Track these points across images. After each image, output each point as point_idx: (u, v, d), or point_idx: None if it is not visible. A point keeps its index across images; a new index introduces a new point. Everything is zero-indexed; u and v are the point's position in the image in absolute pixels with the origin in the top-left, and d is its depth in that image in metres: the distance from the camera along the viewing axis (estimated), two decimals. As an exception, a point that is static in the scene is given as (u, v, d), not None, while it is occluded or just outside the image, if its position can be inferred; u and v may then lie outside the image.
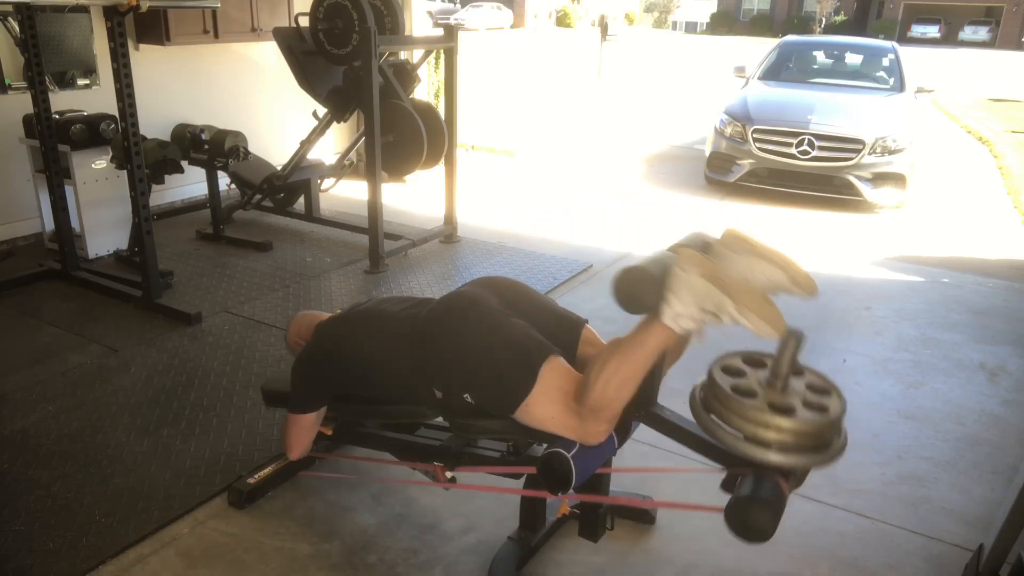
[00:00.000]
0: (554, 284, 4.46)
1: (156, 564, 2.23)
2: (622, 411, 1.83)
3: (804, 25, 40.21)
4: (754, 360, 1.78)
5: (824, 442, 1.62)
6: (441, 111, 5.10)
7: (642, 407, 1.89)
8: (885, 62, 7.97)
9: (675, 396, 2.16)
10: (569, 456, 1.83)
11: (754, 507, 1.58)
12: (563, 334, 2.07)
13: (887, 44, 8.33)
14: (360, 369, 2.18)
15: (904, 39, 36.01)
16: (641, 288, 1.68)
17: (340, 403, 2.41)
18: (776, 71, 8.02)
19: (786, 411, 1.59)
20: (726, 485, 1.76)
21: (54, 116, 4.10)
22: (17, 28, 4.36)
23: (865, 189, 6.21)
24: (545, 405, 1.87)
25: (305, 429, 2.39)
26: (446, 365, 1.98)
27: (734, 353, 1.80)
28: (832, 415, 1.62)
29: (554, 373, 1.88)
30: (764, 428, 1.58)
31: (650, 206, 6.41)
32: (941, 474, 2.79)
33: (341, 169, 5.14)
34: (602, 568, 2.28)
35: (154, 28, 5.07)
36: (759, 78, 7.84)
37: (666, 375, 2.02)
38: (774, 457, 1.58)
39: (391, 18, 4.75)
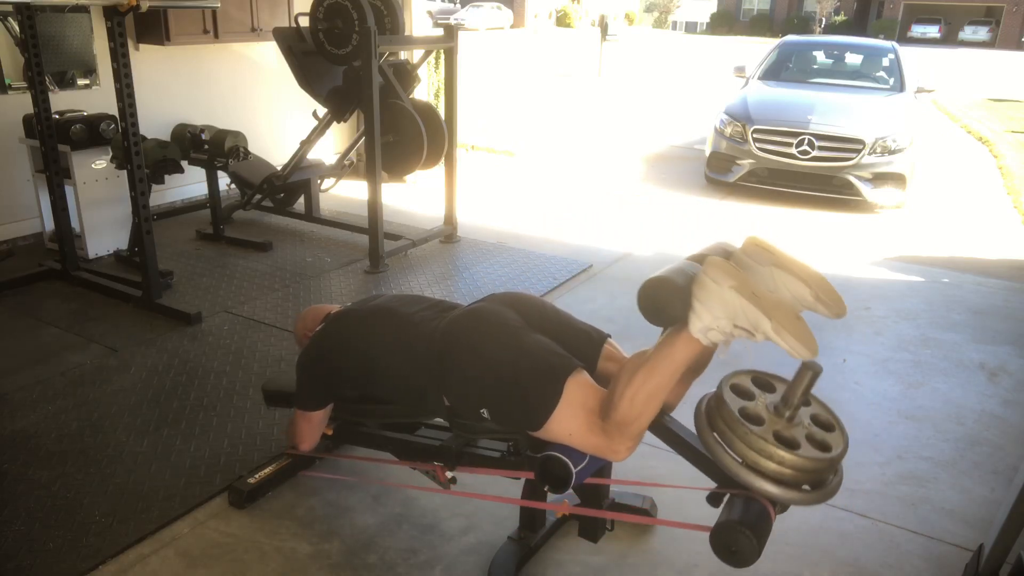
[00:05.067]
0: (554, 284, 4.46)
1: (156, 564, 2.23)
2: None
3: (804, 25, 40.21)
4: (763, 382, 1.76)
5: (821, 480, 1.63)
6: (441, 111, 5.10)
7: None
8: (885, 62, 7.97)
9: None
10: (567, 460, 1.83)
11: (741, 533, 1.59)
12: (583, 349, 2.05)
13: (887, 44, 8.33)
14: (366, 370, 2.18)
15: (904, 39, 36.02)
16: (667, 299, 1.62)
17: (341, 402, 2.41)
18: (776, 71, 8.02)
19: (790, 444, 1.59)
20: (713, 499, 1.76)
21: (54, 116, 4.10)
22: (17, 28, 4.36)
23: (865, 189, 6.21)
24: (568, 422, 1.84)
25: (315, 425, 2.40)
26: (464, 379, 1.96)
27: (744, 372, 1.77)
28: (833, 455, 1.61)
29: (579, 389, 1.85)
30: (766, 458, 1.58)
31: (650, 206, 6.41)
32: (941, 474, 2.79)
33: (341, 169, 5.14)
34: (602, 568, 2.28)
35: (154, 28, 5.07)
36: (759, 78, 7.84)
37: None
38: (770, 488, 1.59)
39: (391, 18, 4.75)
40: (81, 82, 5.01)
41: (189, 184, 5.61)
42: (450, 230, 5.19)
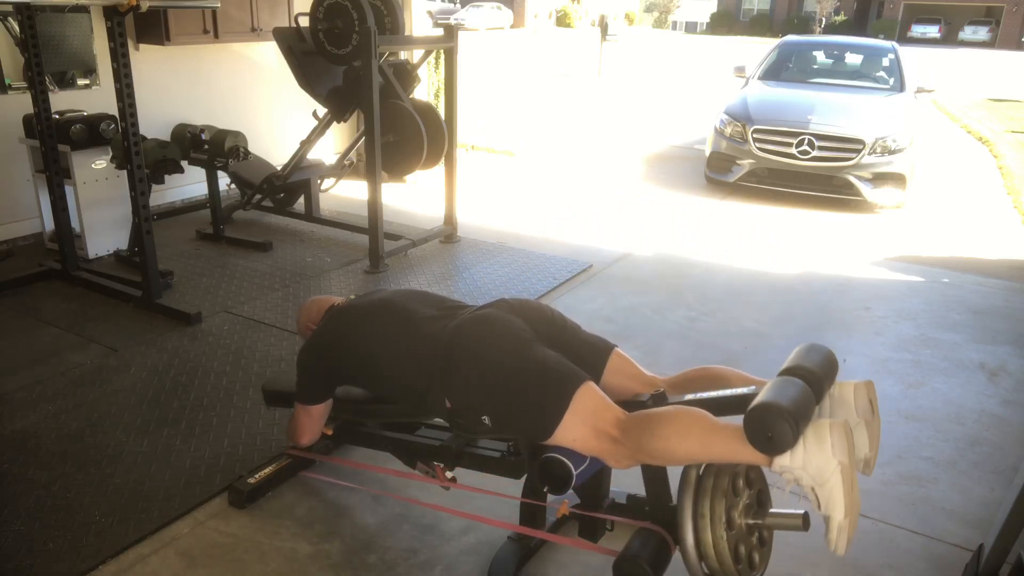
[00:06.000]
0: (554, 284, 4.46)
1: (156, 564, 2.23)
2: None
3: (804, 25, 40.18)
4: (751, 479, 1.82)
5: None
6: (441, 111, 5.10)
7: None
8: (885, 62, 7.96)
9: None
10: (567, 461, 1.84)
11: (643, 569, 1.77)
12: (589, 360, 2.05)
13: (887, 44, 8.32)
14: (367, 366, 2.17)
15: (904, 39, 35.98)
16: (780, 434, 1.58)
17: (341, 403, 2.41)
18: (776, 71, 8.02)
19: (737, 559, 1.73)
20: (629, 507, 2.02)
21: (54, 116, 4.10)
22: (17, 28, 4.36)
23: (865, 189, 6.21)
24: (574, 430, 1.84)
25: (315, 419, 2.40)
26: (468, 385, 1.96)
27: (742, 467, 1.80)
28: None
29: (588, 399, 1.85)
30: (718, 559, 1.70)
31: (650, 206, 6.41)
32: (941, 474, 2.79)
33: (341, 169, 5.14)
34: (602, 568, 2.27)
35: (154, 28, 5.06)
36: (759, 78, 7.83)
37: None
38: (695, 568, 1.73)
39: (391, 18, 4.75)
40: (81, 82, 5.01)
41: (189, 184, 5.61)
42: (450, 230, 5.19)
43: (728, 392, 1.87)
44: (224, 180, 5.29)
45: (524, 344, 1.97)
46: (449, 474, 2.26)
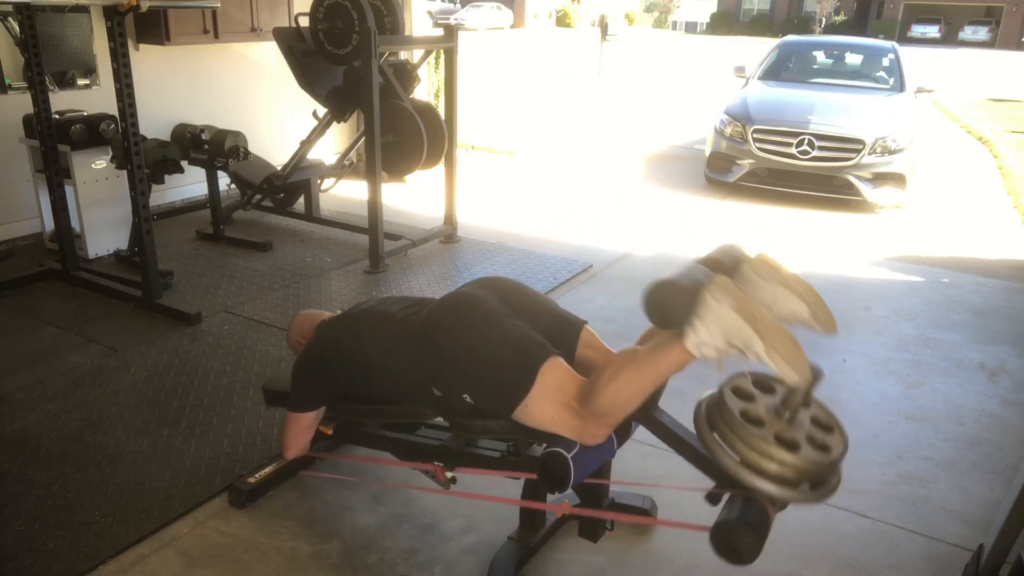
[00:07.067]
0: (554, 284, 4.46)
1: (156, 564, 2.23)
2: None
3: (804, 25, 40.18)
4: (764, 384, 1.77)
5: (821, 480, 1.65)
6: (441, 111, 5.10)
7: (643, 410, 1.88)
8: (885, 62, 7.97)
9: (676, 396, 2.16)
10: (568, 456, 1.83)
11: (742, 531, 1.60)
12: (562, 335, 2.08)
13: (887, 44, 8.33)
14: (359, 369, 2.20)
15: (904, 39, 35.97)
16: (673, 305, 1.64)
17: (340, 403, 2.41)
18: (776, 71, 8.02)
19: (791, 446, 1.61)
20: (711, 498, 1.76)
21: (54, 116, 4.10)
22: (17, 28, 4.36)
23: (865, 189, 6.21)
24: (544, 405, 1.87)
25: (304, 428, 2.41)
26: (445, 365, 2.00)
27: (745, 374, 1.78)
28: (833, 456, 1.63)
29: (554, 374, 1.88)
30: (767, 460, 1.59)
31: (650, 206, 6.41)
32: (941, 474, 2.79)
33: (341, 169, 5.14)
34: (602, 568, 2.28)
35: (154, 28, 5.07)
36: (759, 78, 7.83)
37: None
38: (771, 489, 1.60)
39: (391, 18, 4.75)
40: (81, 82, 5.01)
41: (189, 184, 5.61)
42: (450, 230, 5.19)
43: None
44: (224, 180, 5.29)
45: (495, 319, 1.99)
46: (449, 474, 2.26)
